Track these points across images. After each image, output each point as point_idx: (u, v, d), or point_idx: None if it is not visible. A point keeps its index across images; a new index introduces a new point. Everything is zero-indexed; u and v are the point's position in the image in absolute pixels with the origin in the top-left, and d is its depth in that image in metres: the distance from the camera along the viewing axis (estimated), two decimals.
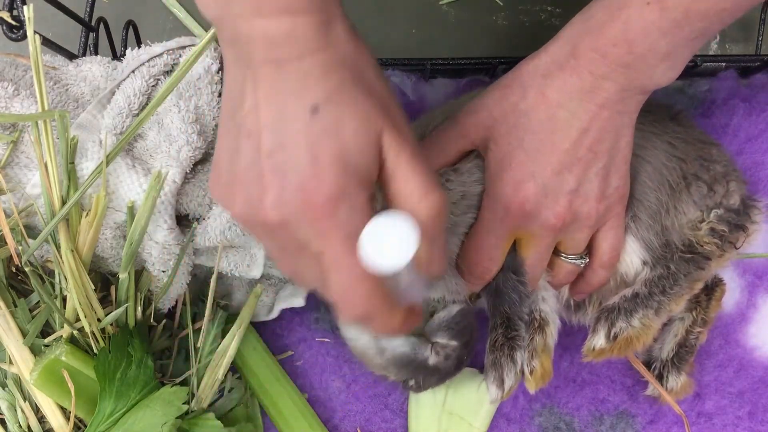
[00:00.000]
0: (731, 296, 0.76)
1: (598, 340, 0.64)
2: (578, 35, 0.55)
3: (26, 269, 0.63)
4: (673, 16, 0.50)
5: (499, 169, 0.59)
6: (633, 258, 0.65)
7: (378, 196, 0.48)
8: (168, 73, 0.66)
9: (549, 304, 0.65)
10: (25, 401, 0.68)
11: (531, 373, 0.63)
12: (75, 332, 0.66)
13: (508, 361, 0.62)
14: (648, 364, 0.73)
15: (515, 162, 0.58)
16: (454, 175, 0.63)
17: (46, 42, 0.69)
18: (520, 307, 0.62)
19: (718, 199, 0.66)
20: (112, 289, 0.67)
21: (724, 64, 0.78)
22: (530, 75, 0.58)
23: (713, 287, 0.73)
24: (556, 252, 0.63)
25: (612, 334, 0.64)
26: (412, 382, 0.68)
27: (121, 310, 0.65)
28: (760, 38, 0.81)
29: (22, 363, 0.66)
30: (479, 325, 0.69)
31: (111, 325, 0.66)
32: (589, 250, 0.64)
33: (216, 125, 0.68)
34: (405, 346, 0.65)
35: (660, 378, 0.71)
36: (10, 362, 0.66)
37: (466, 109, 0.62)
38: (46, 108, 0.62)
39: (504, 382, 0.62)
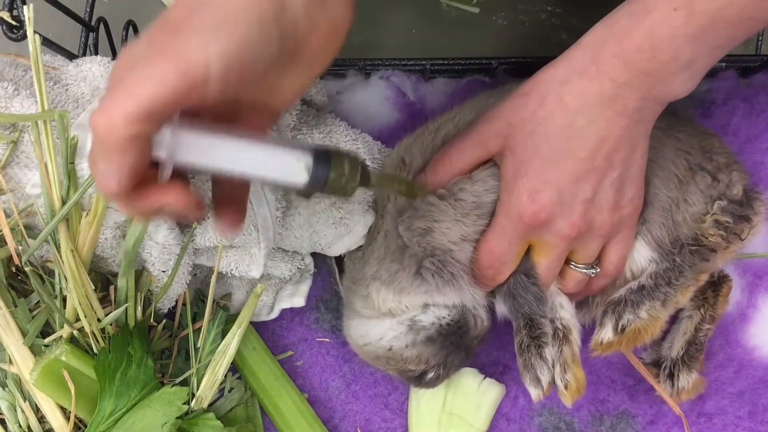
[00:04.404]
0: (731, 296, 0.76)
1: (606, 333, 0.64)
2: (600, 41, 0.54)
3: (26, 269, 0.63)
4: (700, 22, 0.50)
5: (516, 177, 0.58)
6: (640, 260, 0.65)
7: None
8: None
9: (567, 309, 0.64)
10: (25, 401, 0.68)
11: (566, 387, 0.63)
12: (75, 332, 0.66)
13: (538, 359, 0.62)
14: (658, 364, 0.73)
15: (531, 170, 0.57)
16: (469, 184, 0.63)
17: (46, 42, 0.69)
18: (538, 306, 0.62)
19: (722, 188, 0.66)
20: (112, 289, 0.67)
21: (724, 64, 0.78)
22: (548, 82, 0.57)
23: (720, 284, 0.73)
24: (567, 261, 0.63)
25: (620, 326, 0.64)
26: (431, 375, 0.68)
27: (120, 310, 0.65)
28: (760, 38, 0.81)
29: (22, 363, 0.66)
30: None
31: (111, 325, 0.66)
32: (597, 258, 0.64)
33: None
34: (456, 314, 0.66)
35: (671, 377, 0.71)
36: (10, 362, 0.66)
37: (482, 119, 0.62)
38: (46, 108, 0.62)
39: (540, 381, 0.62)
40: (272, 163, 0.45)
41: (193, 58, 0.38)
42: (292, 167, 0.46)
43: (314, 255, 0.77)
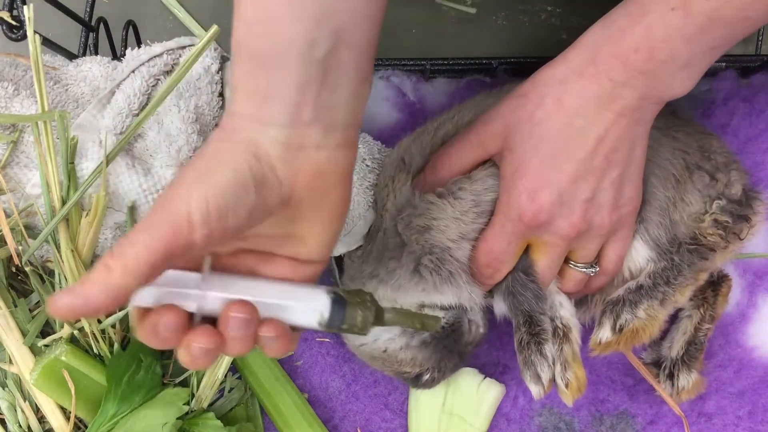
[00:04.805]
0: (731, 296, 0.76)
1: (604, 333, 0.64)
2: (598, 42, 0.55)
3: (26, 269, 0.63)
4: (697, 22, 0.50)
5: (515, 178, 0.58)
6: (638, 259, 0.65)
7: None
8: (168, 73, 0.66)
9: (566, 308, 0.64)
10: (25, 401, 0.68)
11: (567, 386, 0.62)
12: (75, 332, 0.66)
13: (538, 356, 0.62)
14: (658, 364, 0.73)
15: (531, 170, 0.57)
16: (468, 183, 0.63)
17: (46, 42, 0.69)
18: (537, 303, 0.62)
19: (721, 188, 0.66)
20: None
21: (724, 64, 0.78)
22: (547, 83, 0.57)
23: (719, 283, 0.73)
24: (566, 260, 0.63)
25: (618, 326, 0.64)
26: (426, 376, 0.68)
27: (122, 313, 0.65)
28: (760, 38, 0.81)
29: (22, 363, 0.66)
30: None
31: (113, 326, 0.66)
32: (596, 257, 0.64)
33: (216, 125, 0.68)
34: (451, 318, 0.66)
35: (671, 377, 0.71)
36: (10, 362, 0.66)
37: (481, 119, 0.62)
38: (46, 108, 0.62)
39: (541, 378, 0.62)
40: (290, 309, 0.49)
41: (177, 209, 0.43)
42: (307, 316, 0.49)
43: None
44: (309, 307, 0.49)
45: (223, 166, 0.45)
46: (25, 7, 0.63)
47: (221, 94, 0.68)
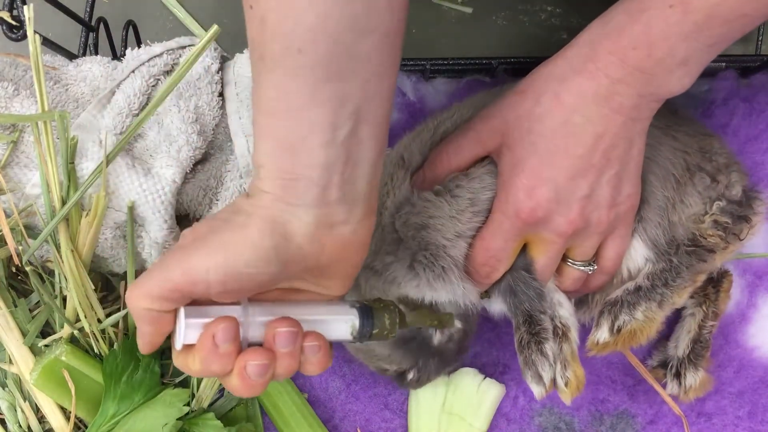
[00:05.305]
0: (731, 296, 0.76)
1: (602, 334, 0.64)
2: (597, 39, 0.55)
3: (26, 269, 0.63)
4: (695, 19, 0.50)
5: (513, 174, 0.58)
6: (637, 259, 0.65)
7: None
8: (168, 73, 0.66)
9: (565, 307, 0.64)
10: (25, 401, 0.68)
11: (566, 384, 0.62)
12: (75, 332, 0.66)
13: (539, 355, 0.62)
14: (665, 364, 0.73)
15: (528, 167, 0.57)
16: (465, 181, 0.63)
17: (46, 42, 0.69)
18: (539, 302, 0.62)
19: (721, 189, 0.66)
20: (122, 285, 0.67)
21: (724, 64, 0.78)
22: (545, 80, 0.57)
23: (720, 279, 0.73)
24: (564, 258, 0.63)
25: (615, 327, 0.64)
26: (411, 375, 0.68)
27: (121, 314, 0.65)
28: (760, 38, 0.81)
29: (22, 363, 0.66)
30: (483, 328, 0.70)
31: (113, 327, 0.66)
32: (595, 255, 0.64)
33: (216, 125, 0.68)
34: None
35: (678, 376, 0.71)
36: (10, 362, 0.67)
37: (480, 116, 0.62)
38: (46, 108, 0.62)
39: (542, 377, 0.62)
40: (324, 324, 0.52)
41: (195, 266, 0.47)
42: (340, 329, 0.53)
43: None
44: (341, 319, 0.52)
45: (246, 243, 0.47)
46: (25, 7, 0.63)
47: (221, 94, 0.68)
